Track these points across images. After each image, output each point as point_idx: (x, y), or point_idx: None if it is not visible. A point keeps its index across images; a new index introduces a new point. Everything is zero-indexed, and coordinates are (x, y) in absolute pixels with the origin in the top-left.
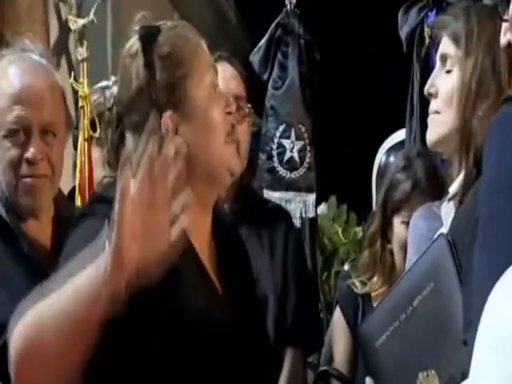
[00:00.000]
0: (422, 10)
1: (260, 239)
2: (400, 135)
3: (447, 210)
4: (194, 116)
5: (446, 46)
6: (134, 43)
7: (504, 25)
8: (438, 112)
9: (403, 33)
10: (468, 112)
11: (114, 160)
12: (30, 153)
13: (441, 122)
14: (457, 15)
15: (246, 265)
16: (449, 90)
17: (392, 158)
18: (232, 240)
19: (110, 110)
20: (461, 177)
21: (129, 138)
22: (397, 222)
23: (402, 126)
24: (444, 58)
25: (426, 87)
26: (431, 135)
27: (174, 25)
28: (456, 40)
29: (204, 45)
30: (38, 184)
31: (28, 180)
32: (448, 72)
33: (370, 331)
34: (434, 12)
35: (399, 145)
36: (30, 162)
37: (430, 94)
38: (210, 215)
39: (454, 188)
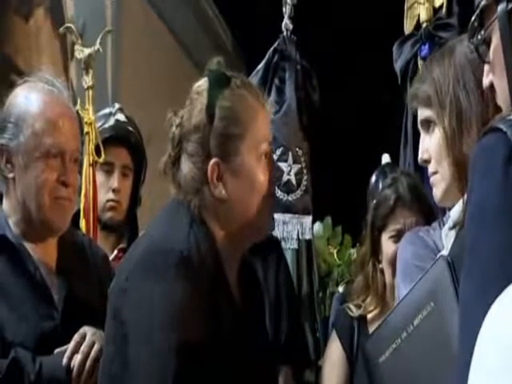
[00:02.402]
0: (416, 44)
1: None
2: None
3: (449, 234)
4: (241, 174)
5: (422, 112)
6: (203, 83)
7: (486, 67)
8: (435, 173)
9: (397, 66)
10: (457, 150)
11: (169, 171)
12: (67, 177)
13: (440, 180)
14: (422, 78)
15: (260, 295)
16: (436, 146)
17: (380, 188)
18: (250, 275)
19: (178, 126)
20: (460, 203)
21: (183, 159)
22: (384, 238)
23: (398, 150)
24: (424, 124)
25: (419, 156)
26: (436, 195)
27: (244, 83)
28: (428, 102)
29: (267, 112)
30: (68, 206)
31: (63, 202)
32: (432, 132)
33: (373, 347)
34: (426, 46)
35: (388, 165)
36: (66, 185)
37: (425, 161)
38: (239, 259)
39: (454, 214)
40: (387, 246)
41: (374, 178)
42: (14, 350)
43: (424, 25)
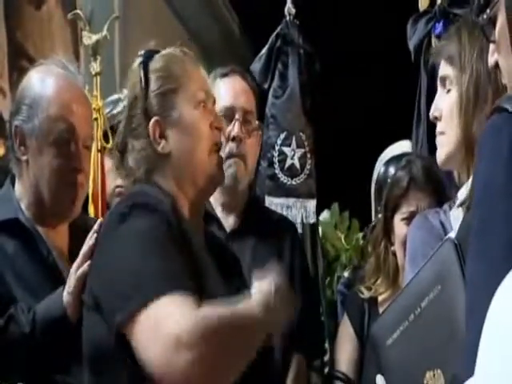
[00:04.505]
0: (430, 21)
1: (267, 249)
2: (399, 147)
3: (456, 215)
4: (181, 125)
5: (444, 68)
6: (136, 62)
7: (491, 46)
8: (442, 133)
9: (411, 43)
10: (468, 121)
11: (119, 165)
12: (80, 163)
13: (446, 142)
14: (450, 37)
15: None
16: (449, 107)
17: (391, 170)
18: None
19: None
20: (469, 183)
21: (129, 144)
22: (397, 219)
23: (403, 133)
24: (443, 81)
25: (431, 111)
26: (440, 156)
27: (176, 49)
28: (451, 60)
29: (201, 69)
30: (80, 191)
31: (77, 188)
32: (448, 92)
33: (381, 330)
34: (441, 23)
35: (398, 157)
36: (78, 172)
37: (436, 118)
38: (201, 220)
39: (462, 194)
40: (399, 227)
41: (382, 170)
42: (13, 306)
43: (439, 1)
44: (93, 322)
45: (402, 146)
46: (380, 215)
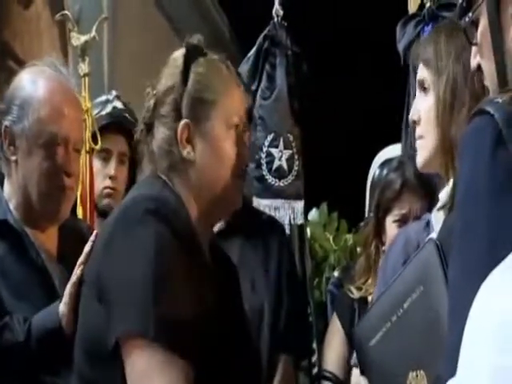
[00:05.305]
0: (419, 24)
1: (255, 250)
2: (393, 151)
3: (437, 218)
4: (209, 138)
5: (421, 71)
6: (180, 51)
7: (473, 48)
8: (421, 137)
9: (400, 46)
10: (446, 124)
11: (143, 140)
12: (70, 166)
13: (425, 147)
14: (427, 40)
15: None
16: (427, 110)
17: (384, 172)
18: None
19: (153, 95)
20: (450, 184)
21: (156, 125)
22: (389, 221)
23: (393, 134)
24: (421, 84)
25: (410, 115)
26: (419, 160)
27: (221, 58)
28: (428, 63)
29: (241, 92)
30: (69, 195)
31: (66, 191)
32: (425, 95)
33: (364, 331)
34: (429, 26)
35: (392, 160)
36: (68, 175)
37: (414, 122)
38: (211, 231)
39: (443, 196)
40: (391, 229)
41: (377, 172)
42: (8, 316)
43: (427, 5)
44: (95, 311)
45: (396, 150)
46: (372, 214)
